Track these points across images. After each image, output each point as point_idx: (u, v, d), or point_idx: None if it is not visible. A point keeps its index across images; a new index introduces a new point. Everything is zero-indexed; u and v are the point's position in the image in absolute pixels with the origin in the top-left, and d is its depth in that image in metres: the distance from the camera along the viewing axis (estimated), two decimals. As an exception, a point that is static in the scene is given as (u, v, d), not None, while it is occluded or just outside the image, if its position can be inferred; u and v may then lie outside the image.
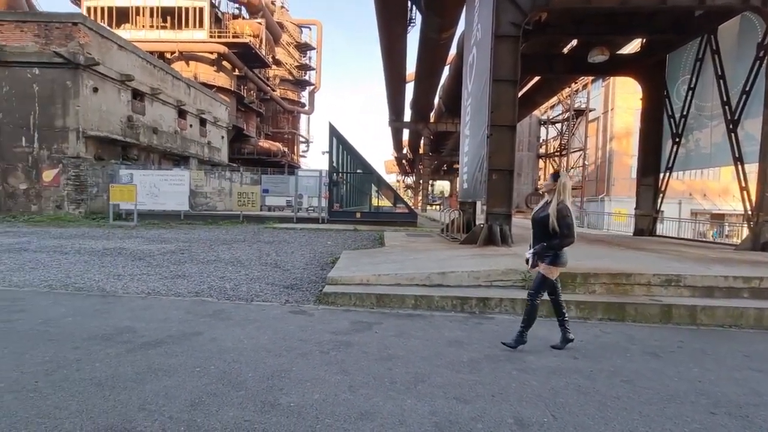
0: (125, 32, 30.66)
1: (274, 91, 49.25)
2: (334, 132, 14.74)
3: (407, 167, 58.58)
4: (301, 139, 61.44)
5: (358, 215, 14.83)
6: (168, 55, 33.78)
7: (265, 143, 45.56)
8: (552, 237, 3.24)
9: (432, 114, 30.75)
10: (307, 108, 59.41)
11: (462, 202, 10.79)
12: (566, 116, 30.26)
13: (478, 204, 10.14)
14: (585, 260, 5.58)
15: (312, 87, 59.01)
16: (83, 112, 14.73)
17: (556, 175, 3.32)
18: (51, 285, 5.12)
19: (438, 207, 50.37)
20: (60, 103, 14.62)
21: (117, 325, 3.63)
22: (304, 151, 64.52)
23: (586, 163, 29.66)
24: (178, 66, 31.91)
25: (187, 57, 34.91)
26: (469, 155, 9.01)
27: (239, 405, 2.30)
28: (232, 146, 36.00)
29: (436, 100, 28.03)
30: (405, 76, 23.10)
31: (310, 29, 58.22)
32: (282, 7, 54.04)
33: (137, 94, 17.97)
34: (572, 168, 30.45)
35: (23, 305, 4.16)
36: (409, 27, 17.62)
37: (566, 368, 3.02)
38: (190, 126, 22.50)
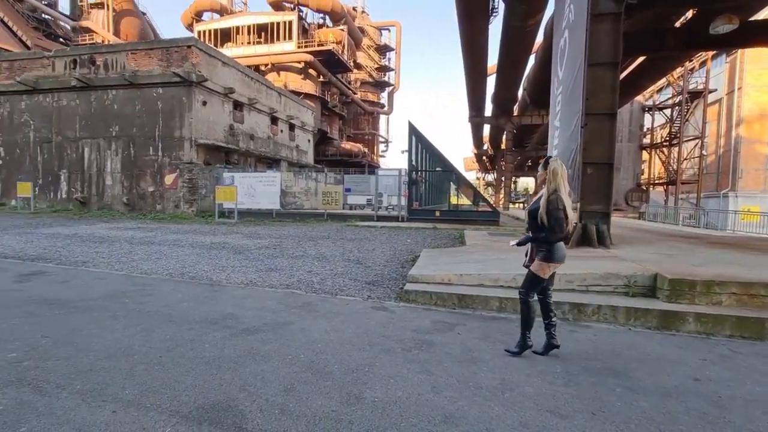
0: (227, 50, 34.39)
1: (355, 94, 51.09)
2: (413, 130, 14.76)
3: (488, 164, 56.46)
4: (381, 139, 62.80)
5: (437, 214, 14.66)
6: (262, 68, 37.04)
7: (346, 144, 47.55)
8: (540, 230, 2.95)
9: (515, 107, 29.17)
10: (386, 108, 60.55)
11: (550, 200, 10.01)
12: (677, 100, 26.37)
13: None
14: (707, 266, 4.78)
15: (391, 87, 59.94)
16: (195, 123, 16.85)
17: (546, 162, 3.03)
18: (171, 273, 5.92)
19: (522, 205, 47.68)
20: (177, 117, 16.91)
21: (222, 312, 4.05)
22: (383, 151, 65.89)
23: (704, 153, 25.53)
24: (271, 77, 34.81)
25: (278, 68, 37.92)
26: (559, 148, 8.31)
27: (326, 394, 2.39)
28: (317, 149, 38.19)
29: (520, 92, 26.50)
30: (486, 69, 22.23)
31: (389, 31, 59.20)
32: (363, 12, 55.78)
33: (237, 105, 20.01)
34: (686, 159, 26.47)
35: (151, 290, 4.87)
36: (491, 17, 16.90)
37: (686, 390, 2.60)
38: (281, 131, 24.39)
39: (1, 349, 2.91)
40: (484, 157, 51.57)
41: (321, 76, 40.59)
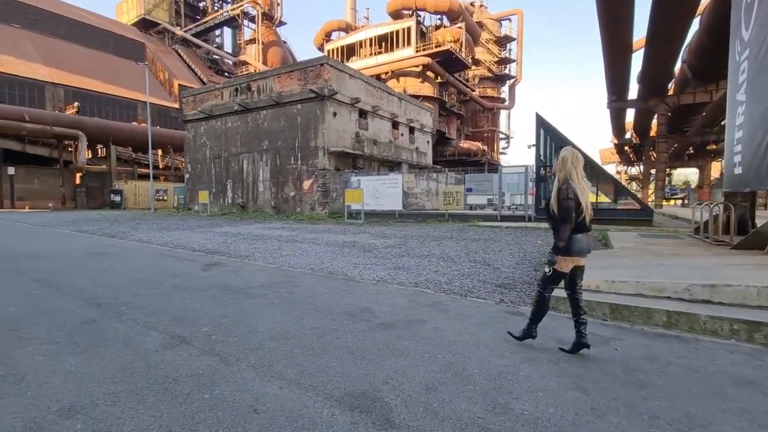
0: (352, 63, 37.16)
1: (473, 91, 49.78)
2: (541, 122, 13.60)
3: (631, 155, 48.70)
4: (501, 135, 59.86)
5: (571, 213, 13.18)
6: (383, 76, 38.95)
7: (464, 144, 46.63)
8: (554, 221, 2.84)
9: (670, 85, 24.49)
10: (507, 103, 57.45)
11: (730, 194, 8.05)
12: None
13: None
14: None
15: (512, 80, 56.63)
16: (327, 133, 18.65)
17: (559, 151, 2.91)
18: (312, 268, 6.59)
19: (681, 201, 39.76)
20: (312, 128, 18.96)
21: (359, 305, 4.30)
22: (503, 148, 62.70)
23: None
24: (390, 83, 36.33)
25: (397, 74, 39.36)
26: (746, 128, 6.58)
27: (470, 399, 2.30)
28: (435, 149, 38.38)
29: (677, 67, 22.13)
30: (631, 44, 19.18)
31: (510, 20, 56.04)
32: (481, 6, 54.01)
33: (362, 113, 21.44)
34: None
35: (298, 282, 5.49)
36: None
37: None
38: (401, 135, 25.23)
39: (198, 324, 3.62)
40: (626, 148, 44.65)
41: (438, 77, 40.68)
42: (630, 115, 32.97)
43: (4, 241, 10.03)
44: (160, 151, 37.12)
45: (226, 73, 59.77)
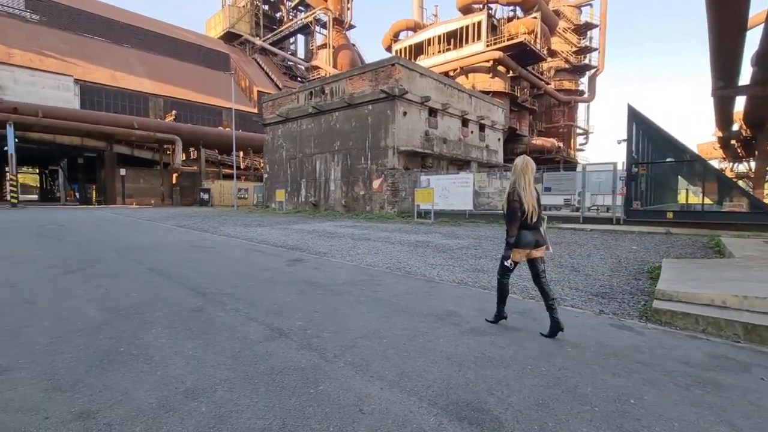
0: (420, 62, 36.98)
1: (548, 84, 46.92)
2: (633, 115, 12.30)
3: (739, 150, 42.34)
4: (579, 130, 55.65)
5: (670, 215, 11.74)
6: (450, 73, 38.23)
7: (537, 141, 44.14)
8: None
9: (798, 65, 20.73)
10: (586, 95, 53.27)
11: None
12: None
13: None
14: None
15: (593, 70, 52.37)
16: (397, 133, 18.74)
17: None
18: (390, 267, 6.61)
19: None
20: (383, 128, 19.18)
21: (444, 308, 4.19)
22: (581, 144, 58.24)
23: None
24: (459, 80, 35.51)
25: (466, 70, 38.39)
26: None
27: (590, 423, 2.08)
28: (505, 147, 36.79)
29: (810, 44, 18.65)
30: (745, 20, 16.57)
31: (591, 5, 51.86)
32: (557, -8, 50.69)
33: (432, 111, 21.22)
34: None
35: (379, 281, 5.53)
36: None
37: None
38: (471, 132, 24.53)
39: (292, 318, 3.77)
40: (732, 141, 38.88)
41: (510, 72, 38.95)
42: (739, 104, 28.62)
43: (123, 234, 11.52)
44: (241, 153, 40.24)
45: (299, 78, 63.06)
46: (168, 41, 53.12)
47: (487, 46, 37.21)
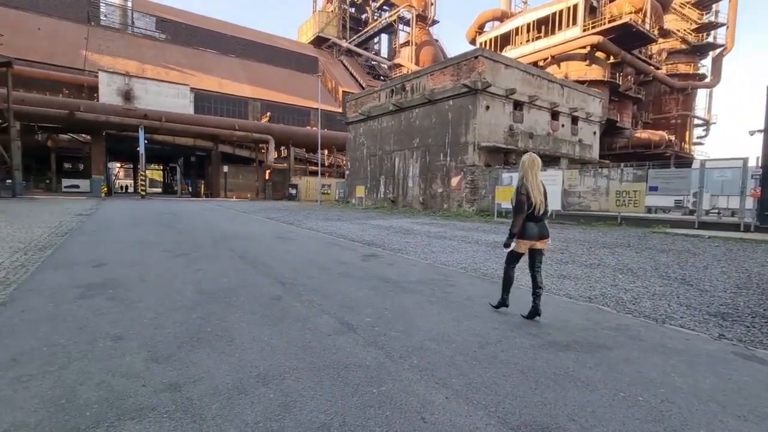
0: (506, 54, 35.11)
1: (658, 69, 41.28)
2: (774, 100, 10.14)
3: None
4: (697, 121, 48.08)
5: (823, 223, 9.47)
6: (540, 63, 35.67)
7: (642, 133, 39.18)
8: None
9: None
10: (707, 80, 45.73)
11: None
12: None
13: None
14: None
15: (718, 50, 44.71)
16: (478, 128, 18.04)
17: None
18: (465, 268, 6.35)
19: None
20: (463, 124, 18.61)
21: (522, 316, 3.86)
22: (700, 137, 50.26)
23: None
24: (550, 70, 32.98)
25: (558, 59, 35.51)
26: None
27: (703, 474, 1.70)
28: (603, 141, 33.27)
29: None
30: None
31: (717, -26, 44.32)
32: (674, -37, 44.19)
33: (517, 105, 20.01)
34: None
35: (452, 281, 5.33)
36: None
37: None
38: (562, 126, 22.62)
39: (362, 313, 3.79)
40: None
41: (611, 58, 35.10)
42: None
43: (222, 224, 12.88)
44: (326, 151, 42.41)
45: (382, 77, 64.33)
46: (265, 49, 58.13)
47: (584, 30, 33.92)
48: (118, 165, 68.21)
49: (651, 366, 2.79)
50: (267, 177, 39.68)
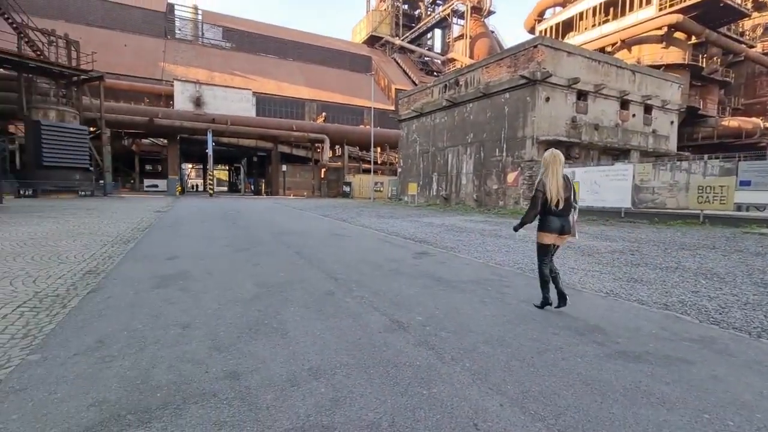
0: (569, 41, 32.96)
1: (751, 47, 36.44)
2: None
3: None
4: (801, 105, 41.66)
5: None
6: (608, 48, 33.05)
7: (731, 121, 34.86)
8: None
9: None
10: (816, 57, 39.44)
11: None
12: None
13: None
14: None
15: (830, 21, 38.47)
16: (537, 121, 17.13)
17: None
18: (521, 268, 6.04)
19: None
20: (521, 117, 17.77)
21: (586, 321, 3.58)
22: (805, 124, 43.50)
23: None
24: (620, 56, 30.42)
25: (629, 43, 32.67)
26: None
27: None
28: (682, 131, 30.07)
29: None
30: None
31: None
32: (773, -76, 38.70)
33: (581, 95, 18.70)
34: None
35: (507, 282, 5.09)
36: None
37: None
38: (633, 116, 20.77)
39: (413, 311, 3.75)
40: None
41: (692, 38, 31.58)
42: None
43: (280, 221, 13.51)
44: (379, 149, 42.81)
45: (434, 73, 63.52)
46: (321, 51, 59.96)
47: (660, 9, 30.80)
48: (190, 166, 74.32)
49: (743, 386, 2.44)
50: (322, 175, 40.97)
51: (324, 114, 47.81)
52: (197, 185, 74.99)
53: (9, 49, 21.58)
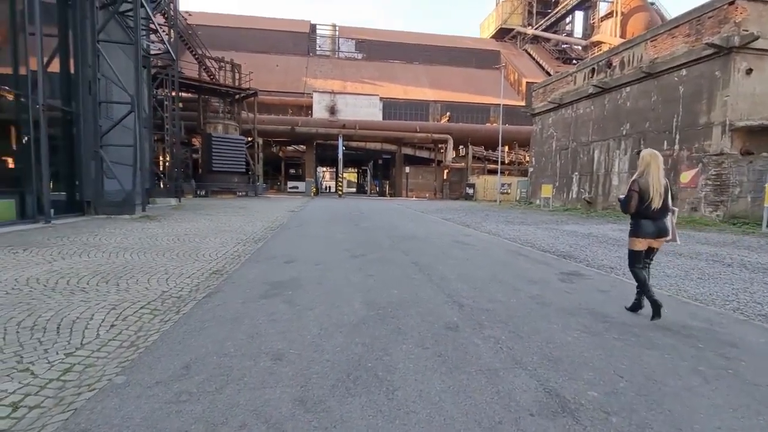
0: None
1: None
2: None
3: None
4: None
5: None
6: None
7: None
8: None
9: None
10: None
11: None
12: None
13: None
14: None
15: None
16: (731, 102, 12.96)
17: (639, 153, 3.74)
18: (740, 310, 4.04)
19: None
20: (704, 99, 13.76)
21: None
22: None
23: None
24: None
25: None
26: None
27: None
28: None
29: None
30: None
31: None
32: None
33: (804, 62, 13.52)
34: None
35: (724, 332, 3.29)
36: None
37: None
38: None
39: (578, 377, 2.48)
40: None
41: None
42: None
43: (400, 223, 13.04)
44: (506, 147, 39.76)
45: (574, 61, 56.43)
46: (446, 51, 59.12)
47: None
48: (324, 169, 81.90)
49: None
50: (445, 176, 40.01)
51: (448, 114, 46.79)
52: (329, 186, 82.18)
53: (192, 76, 26.52)
